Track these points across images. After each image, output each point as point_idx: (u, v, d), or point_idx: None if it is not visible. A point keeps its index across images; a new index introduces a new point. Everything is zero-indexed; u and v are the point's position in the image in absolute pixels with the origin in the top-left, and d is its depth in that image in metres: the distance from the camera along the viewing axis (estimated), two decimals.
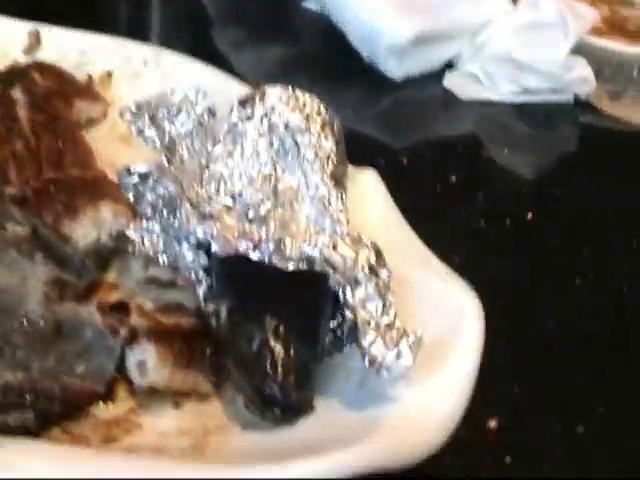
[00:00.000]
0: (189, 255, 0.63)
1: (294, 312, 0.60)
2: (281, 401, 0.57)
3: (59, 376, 0.57)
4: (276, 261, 0.58)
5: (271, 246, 0.58)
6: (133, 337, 0.59)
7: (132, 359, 0.59)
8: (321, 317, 0.60)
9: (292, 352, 0.58)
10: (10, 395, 0.55)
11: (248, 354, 0.58)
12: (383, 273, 0.59)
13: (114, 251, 0.65)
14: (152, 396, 0.59)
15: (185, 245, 0.63)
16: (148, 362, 0.58)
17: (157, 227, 0.64)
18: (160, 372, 0.58)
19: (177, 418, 0.59)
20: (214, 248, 0.60)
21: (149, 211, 0.65)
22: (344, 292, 0.57)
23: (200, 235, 0.61)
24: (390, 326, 0.57)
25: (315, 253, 0.57)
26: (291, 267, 0.58)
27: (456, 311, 0.60)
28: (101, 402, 0.58)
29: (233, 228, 0.61)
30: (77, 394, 0.57)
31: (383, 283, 0.58)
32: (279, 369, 0.57)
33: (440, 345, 0.58)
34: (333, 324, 0.60)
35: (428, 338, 0.57)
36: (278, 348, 0.58)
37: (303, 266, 0.58)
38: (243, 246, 0.59)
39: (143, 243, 0.64)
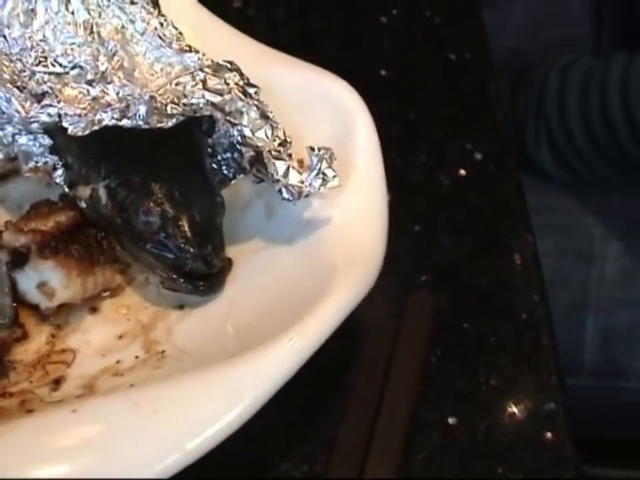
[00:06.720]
0: (24, 140, 0.54)
1: (179, 169, 0.53)
2: (205, 272, 0.52)
3: None
4: (153, 123, 0.50)
5: (142, 110, 0.50)
6: (20, 259, 0.51)
7: (28, 283, 0.51)
8: (205, 164, 0.54)
9: (197, 216, 0.52)
10: None
11: (151, 231, 0.52)
12: (252, 90, 0.53)
13: None
14: (65, 313, 0.52)
15: (11, 129, 0.54)
16: (51, 281, 0.50)
17: None
18: (69, 287, 0.51)
19: (105, 325, 0.52)
20: (71, 130, 0.51)
21: None
22: (235, 129, 0.52)
23: (44, 119, 0.51)
24: (284, 144, 0.52)
25: (196, 100, 0.50)
26: (171, 124, 0.50)
27: (342, 109, 0.55)
28: (15, 344, 0.51)
29: (80, 99, 0.52)
30: None
31: (259, 103, 0.52)
32: (192, 240, 0.51)
33: (339, 150, 0.53)
34: (223, 156, 0.54)
35: (324, 142, 0.53)
36: (181, 216, 0.52)
37: (182, 118, 0.51)
38: (107, 118, 0.50)
39: None
